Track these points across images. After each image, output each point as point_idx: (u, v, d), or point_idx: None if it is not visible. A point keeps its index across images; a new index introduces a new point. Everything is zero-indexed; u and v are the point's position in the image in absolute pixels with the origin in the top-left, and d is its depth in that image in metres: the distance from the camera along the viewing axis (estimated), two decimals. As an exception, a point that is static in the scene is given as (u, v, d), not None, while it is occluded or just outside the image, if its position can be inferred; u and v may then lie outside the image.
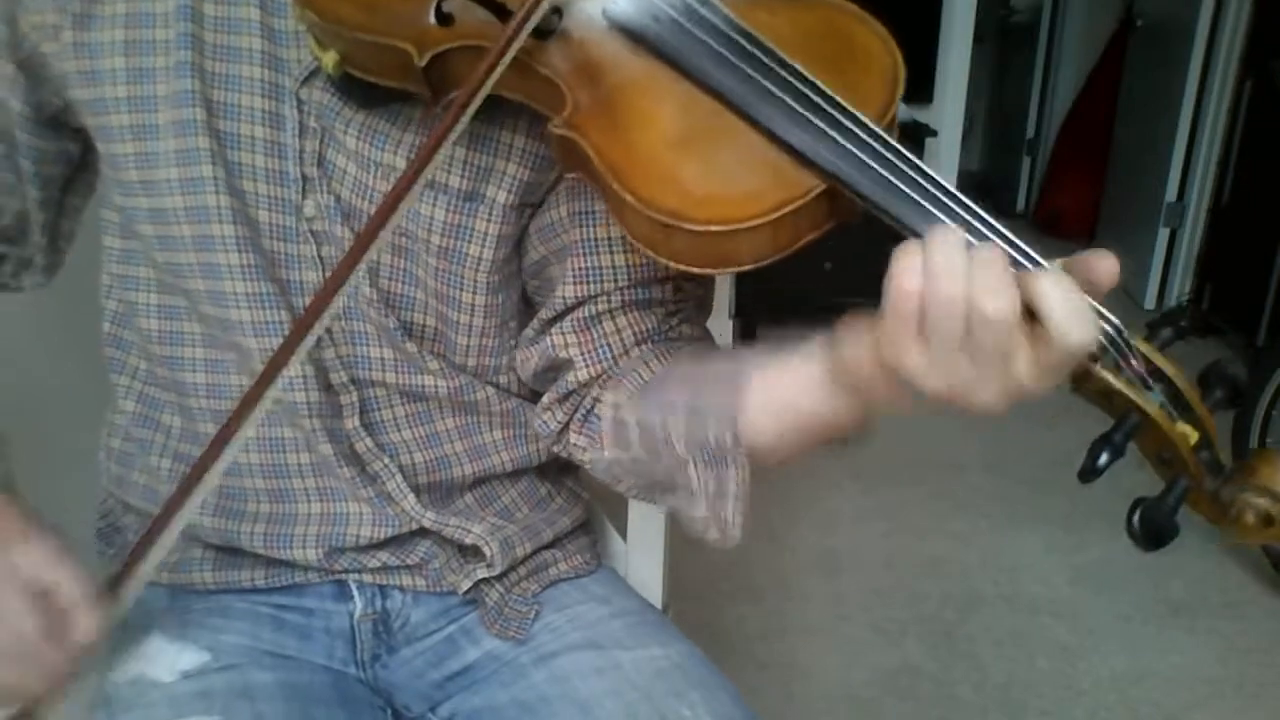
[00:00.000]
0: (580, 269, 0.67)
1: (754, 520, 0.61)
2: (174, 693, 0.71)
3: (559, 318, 0.69)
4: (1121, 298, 3.80)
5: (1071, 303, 0.45)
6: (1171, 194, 3.51)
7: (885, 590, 2.09)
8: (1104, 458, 0.48)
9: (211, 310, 0.70)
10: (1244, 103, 3.22)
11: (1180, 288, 3.55)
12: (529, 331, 0.72)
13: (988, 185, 5.33)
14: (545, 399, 0.71)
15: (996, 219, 0.49)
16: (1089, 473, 0.48)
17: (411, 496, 0.76)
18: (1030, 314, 0.46)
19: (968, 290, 0.44)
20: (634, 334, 0.69)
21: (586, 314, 0.68)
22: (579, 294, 0.68)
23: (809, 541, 2.24)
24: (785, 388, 0.57)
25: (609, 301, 0.68)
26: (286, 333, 0.70)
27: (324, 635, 0.79)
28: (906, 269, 0.46)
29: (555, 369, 0.70)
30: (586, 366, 0.68)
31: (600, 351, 0.68)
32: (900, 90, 0.52)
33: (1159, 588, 2.06)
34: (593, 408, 0.69)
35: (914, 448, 2.52)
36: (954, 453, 2.54)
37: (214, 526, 0.76)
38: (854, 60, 0.52)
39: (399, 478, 0.75)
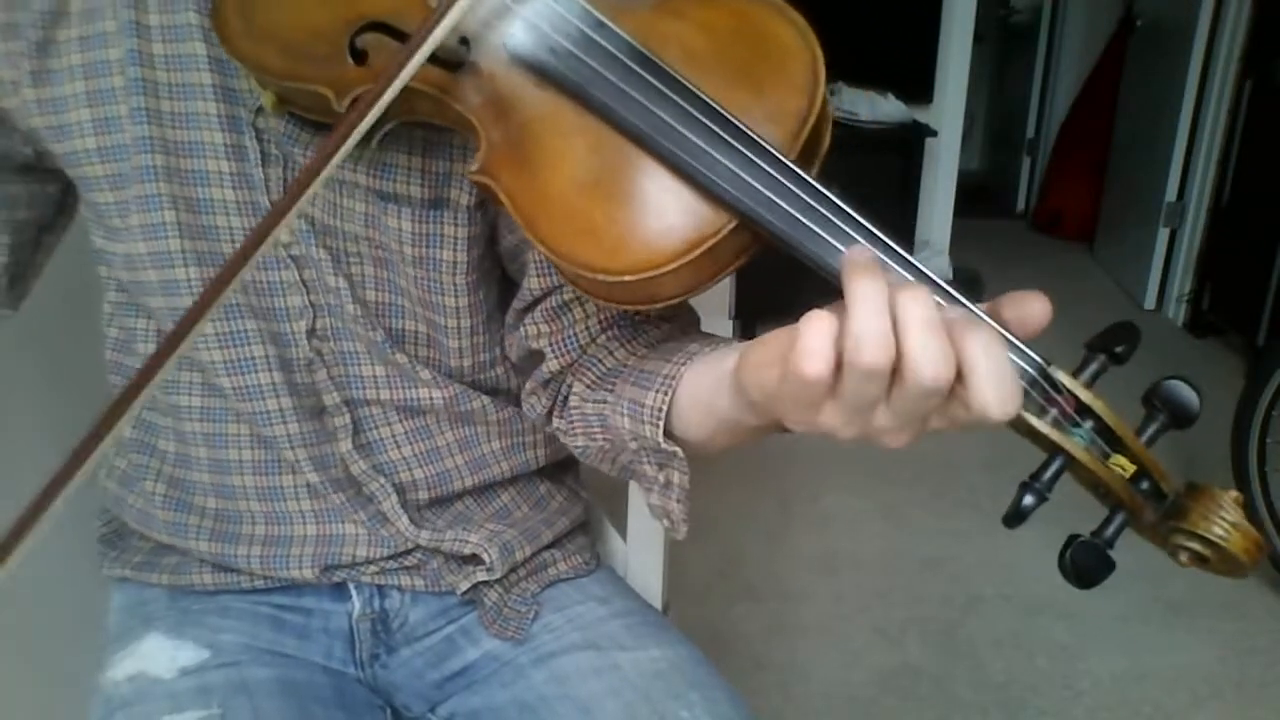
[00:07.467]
0: (542, 259, 0.67)
1: (753, 520, 0.61)
2: (173, 689, 0.71)
3: (530, 308, 0.69)
4: (1121, 298, 3.79)
5: (1001, 378, 0.40)
6: (1171, 194, 3.51)
7: (885, 590, 2.08)
8: (1028, 501, 0.45)
9: (189, 353, 0.70)
10: (1244, 103, 3.21)
11: (1180, 288, 3.54)
12: (509, 319, 0.72)
13: (987, 185, 5.33)
14: (529, 385, 0.71)
15: (918, 258, 0.45)
16: (1013, 518, 0.45)
17: (405, 518, 0.76)
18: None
19: (894, 358, 0.40)
20: (599, 320, 0.68)
21: (554, 303, 0.68)
22: (543, 285, 0.68)
23: (808, 541, 2.24)
24: (706, 388, 0.56)
25: (574, 289, 0.67)
26: (264, 375, 0.70)
27: (323, 635, 0.79)
28: (814, 351, 0.40)
29: (533, 357, 0.70)
30: (556, 357, 0.68)
31: (569, 341, 0.68)
32: (821, 87, 0.48)
33: (1159, 588, 2.05)
34: (568, 395, 0.69)
35: (913, 447, 2.50)
36: (953, 452, 2.54)
37: (210, 550, 0.76)
38: (769, 63, 0.49)
39: (394, 498, 0.75)
